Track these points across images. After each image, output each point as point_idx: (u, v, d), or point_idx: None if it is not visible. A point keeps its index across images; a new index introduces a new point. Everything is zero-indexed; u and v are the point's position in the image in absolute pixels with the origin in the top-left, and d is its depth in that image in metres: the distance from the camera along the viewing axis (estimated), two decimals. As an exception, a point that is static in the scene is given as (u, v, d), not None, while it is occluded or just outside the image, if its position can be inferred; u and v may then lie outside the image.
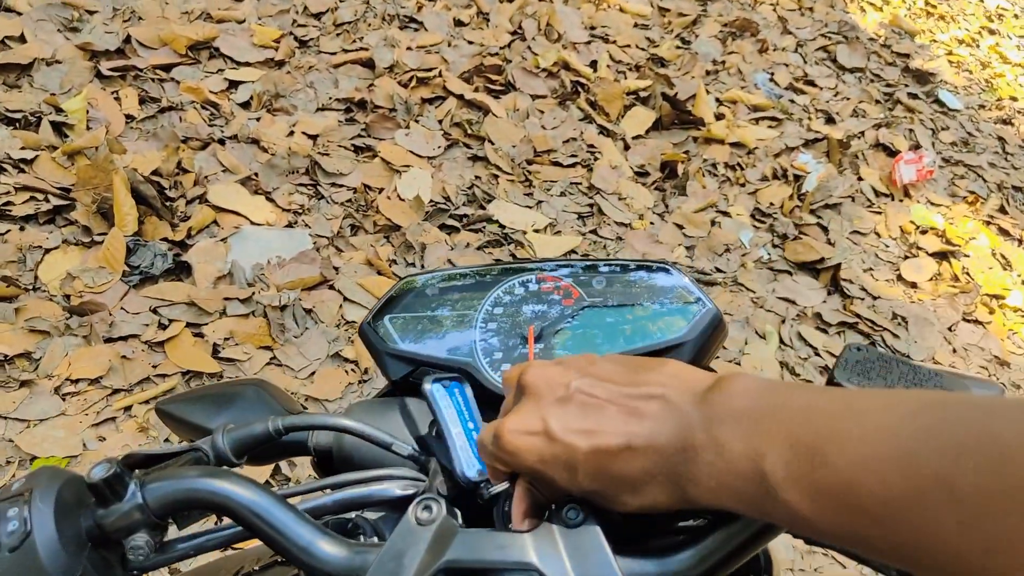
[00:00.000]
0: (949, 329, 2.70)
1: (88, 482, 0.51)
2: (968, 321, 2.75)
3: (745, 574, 0.56)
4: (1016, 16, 5.04)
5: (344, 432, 0.61)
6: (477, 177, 2.70)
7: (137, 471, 0.53)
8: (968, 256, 3.01)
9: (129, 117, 2.53)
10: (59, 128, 2.38)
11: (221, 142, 2.53)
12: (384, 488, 0.58)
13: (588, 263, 0.67)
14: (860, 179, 3.19)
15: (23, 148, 2.27)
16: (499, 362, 0.63)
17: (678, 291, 0.63)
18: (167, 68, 2.71)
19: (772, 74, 3.63)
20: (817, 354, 2.46)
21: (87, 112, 2.45)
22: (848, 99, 3.64)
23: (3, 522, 0.48)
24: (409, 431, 0.65)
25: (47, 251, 2.09)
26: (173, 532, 0.55)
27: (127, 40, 2.70)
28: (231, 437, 0.59)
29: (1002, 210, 3.30)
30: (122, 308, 2.03)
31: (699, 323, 0.61)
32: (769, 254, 2.77)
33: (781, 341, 2.48)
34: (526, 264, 0.68)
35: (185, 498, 0.52)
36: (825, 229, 2.93)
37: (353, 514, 0.59)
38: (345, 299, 2.22)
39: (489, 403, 0.64)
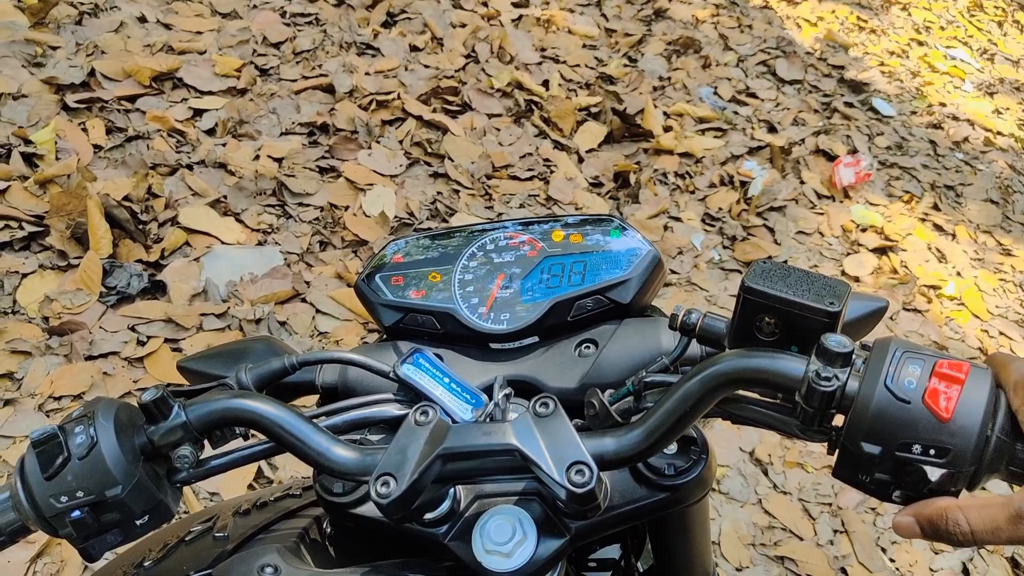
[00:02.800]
0: (891, 318, 2.86)
1: (140, 403, 0.60)
2: (908, 310, 2.92)
3: (686, 450, 0.66)
4: (943, 28, 5.32)
5: (349, 364, 0.71)
6: (439, 193, 2.81)
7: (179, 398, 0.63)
8: (906, 251, 3.19)
9: (97, 147, 2.60)
10: (29, 159, 2.44)
11: (189, 167, 2.61)
12: (384, 409, 0.68)
13: (548, 220, 0.78)
14: (802, 183, 3.36)
15: (-5, 179, 2.33)
16: (475, 307, 0.74)
17: (623, 238, 0.75)
18: (132, 99, 2.79)
19: (716, 88, 3.81)
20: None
21: (56, 143, 2.52)
22: (788, 109, 3.83)
23: (72, 437, 0.58)
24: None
25: (24, 276, 2.14)
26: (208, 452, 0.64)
27: (91, 73, 2.77)
28: (252, 373, 0.68)
29: (935, 207, 3.50)
30: (101, 327, 2.09)
31: (640, 263, 0.73)
32: (720, 255, 2.92)
33: (735, 335, 2.61)
34: (496, 224, 0.79)
35: (221, 416, 0.61)
36: (771, 230, 3.09)
37: (358, 436, 0.69)
38: (317, 311, 2.31)
39: (467, 340, 0.74)
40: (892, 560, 2.11)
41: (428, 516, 0.64)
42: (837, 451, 0.54)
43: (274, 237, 2.49)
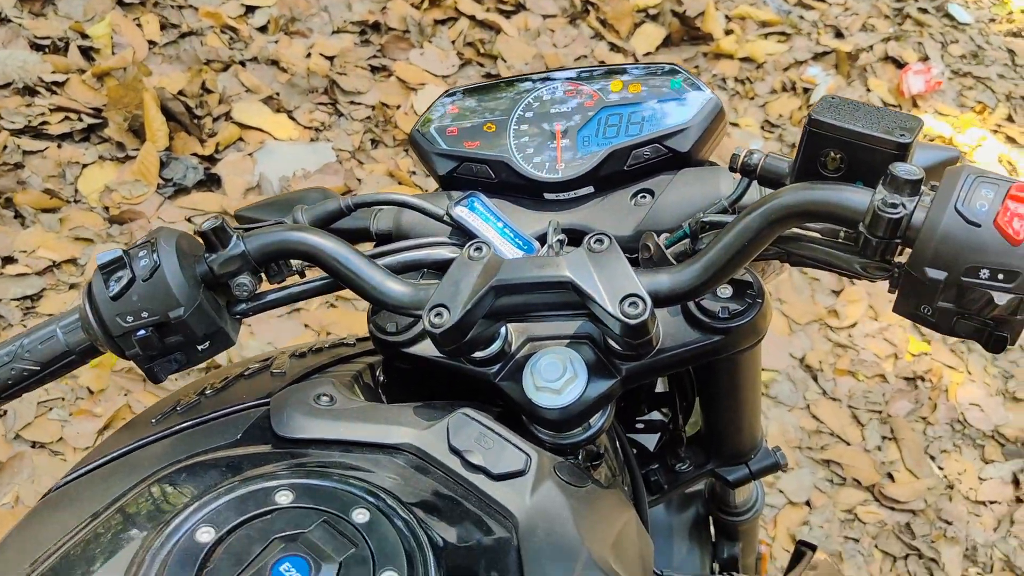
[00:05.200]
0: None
1: (199, 231, 0.61)
2: (973, 222, 2.83)
3: (741, 294, 0.65)
4: (1029, -69, 4.98)
5: (404, 206, 0.71)
6: (491, 94, 2.77)
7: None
8: (975, 162, 3.06)
9: (152, 42, 2.60)
10: (86, 52, 2.46)
11: (242, 64, 2.61)
12: (437, 252, 0.68)
13: (606, 69, 0.76)
14: (868, 90, 3.23)
15: (54, 72, 2.35)
16: (530, 156, 0.72)
17: (683, 86, 0.72)
18: (185, -5, 2.77)
19: (781, -9, 3.64)
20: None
21: (112, 38, 2.53)
22: (857, 14, 3.65)
23: (136, 260, 0.59)
24: None
25: (84, 166, 2.19)
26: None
27: (145, -32, 2.76)
28: (309, 213, 0.69)
29: (1009, 119, 3.34)
30: (159, 217, 2.13)
31: (701, 111, 0.70)
32: (778, 163, 2.84)
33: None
34: (552, 74, 0.77)
35: (279, 247, 0.62)
36: (833, 138, 2.99)
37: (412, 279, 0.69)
38: (369, 208, 2.32)
39: (521, 190, 0.74)
40: (941, 468, 2.10)
41: (479, 355, 0.64)
42: (899, 285, 0.52)
43: (326, 134, 2.49)
